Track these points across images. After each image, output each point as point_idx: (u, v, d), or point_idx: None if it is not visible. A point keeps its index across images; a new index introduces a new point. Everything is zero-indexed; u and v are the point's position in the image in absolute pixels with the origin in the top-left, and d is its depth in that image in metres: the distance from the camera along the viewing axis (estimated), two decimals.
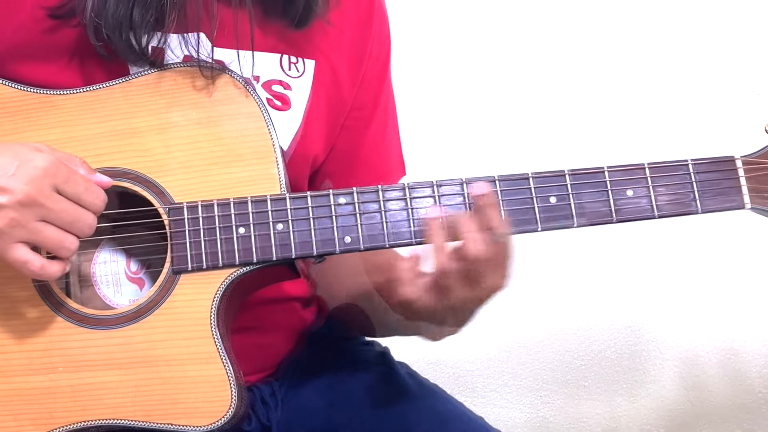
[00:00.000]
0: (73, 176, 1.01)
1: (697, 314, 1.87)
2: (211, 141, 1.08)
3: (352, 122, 1.29)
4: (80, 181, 1.02)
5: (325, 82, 1.24)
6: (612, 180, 1.07)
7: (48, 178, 0.99)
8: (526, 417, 1.86)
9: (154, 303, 1.06)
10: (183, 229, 1.07)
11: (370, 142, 1.31)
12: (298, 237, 1.06)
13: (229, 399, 1.04)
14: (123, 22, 1.07)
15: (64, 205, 1.00)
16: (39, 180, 0.98)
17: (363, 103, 1.30)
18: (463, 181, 1.07)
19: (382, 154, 1.34)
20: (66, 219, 1.00)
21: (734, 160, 1.09)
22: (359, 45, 1.27)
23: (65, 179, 1.00)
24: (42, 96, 1.11)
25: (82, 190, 1.01)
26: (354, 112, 1.29)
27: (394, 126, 1.37)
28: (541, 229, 1.07)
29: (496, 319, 1.84)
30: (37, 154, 1.00)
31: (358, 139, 1.30)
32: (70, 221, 1.01)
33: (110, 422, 1.06)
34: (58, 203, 1.00)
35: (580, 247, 1.84)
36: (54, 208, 0.99)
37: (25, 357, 1.07)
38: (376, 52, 1.29)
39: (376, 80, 1.30)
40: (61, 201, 1.00)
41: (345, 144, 1.30)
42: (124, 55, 1.10)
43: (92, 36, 1.09)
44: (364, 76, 1.28)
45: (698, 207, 1.09)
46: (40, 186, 0.98)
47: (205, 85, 1.10)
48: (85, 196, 1.02)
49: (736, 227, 1.84)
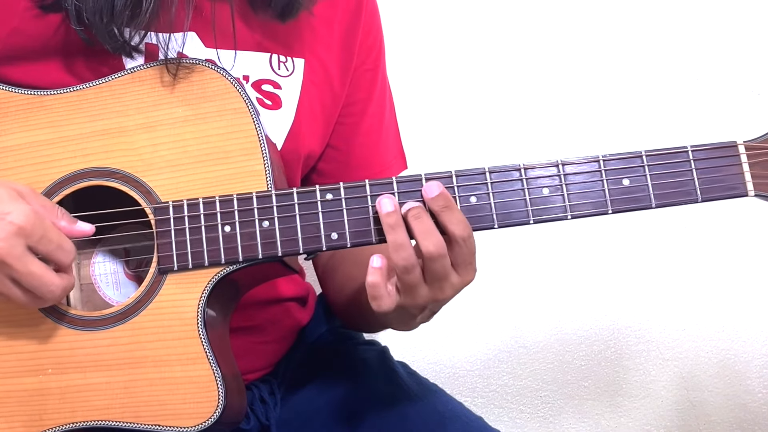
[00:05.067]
0: (47, 234, 1.00)
1: (697, 314, 1.86)
2: (198, 138, 1.08)
3: (345, 118, 1.29)
4: (54, 239, 1.00)
5: (316, 80, 1.24)
6: (607, 169, 1.06)
7: (21, 237, 0.98)
8: (525, 417, 1.85)
9: (141, 303, 1.06)
10: (168, 228, 1.06)
11: (364, 136, 1.31)
12: (284, 234, 1.05)
13: (216, 399, 1.03)
14: (104, 7, 1.07)
15: (32, 269, 0.99)
16: (12, 238, 0.97)
17: (356, 98, 1.29)
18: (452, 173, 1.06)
19: (378, 149, 1.33)
20: (32, 283, 0.99)
21: (736, 146, 1.06)
22: (349, 39, 1.27)
23: (39, 238, 0.99)
24: (30, 97, 1.11)
25: (54, 248, 1.00)
26: (347, 108, 1.29)
27: (391, 120, 1.36)
28: (534, 221, 1.06)
29: (496, 319, 1.84)
30: (17, 206, 0.98)
31: (352, 135, 1.30)
32: (35, 286, 1.00)
33: (99, 423, 1.06)
34: (26, 266, 0.98)
35: (580, 247, 1.83)
36: (22, 271, 0.98)
37: (14, 359, 1.07)
38: (367, 46, 1.29)
39: (368, 74, 1.30)
40: (30, 264, 0.98)
41: (339, 140, 1.29)
42: (103, 40, 1.09)
43: (74, 20, 1.09)
44: (355, 71, 1.28)
45: (698, 195, 1.05)
46: (12, 244, 0.97)
47: (192, 82, 1.09)
48: (55, 254, 1.00)
49: (735, 227, 1.84)
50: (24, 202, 1.00)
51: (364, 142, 1.31)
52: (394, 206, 1.03)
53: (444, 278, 1.03)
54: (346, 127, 1.29)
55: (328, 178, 1.30)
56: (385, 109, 1.34)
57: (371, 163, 1.32)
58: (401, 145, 1.38)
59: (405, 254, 1.01)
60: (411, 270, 1.01)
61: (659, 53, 1.85)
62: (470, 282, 1.05)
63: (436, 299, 1.05)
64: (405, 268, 1.01)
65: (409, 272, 1.01)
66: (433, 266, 1.02)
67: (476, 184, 1.05)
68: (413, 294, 1.03)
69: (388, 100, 1.35)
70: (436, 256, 1.01)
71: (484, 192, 1.05)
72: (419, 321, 1.11)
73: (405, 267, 1.01)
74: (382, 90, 1.33)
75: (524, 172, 1.05)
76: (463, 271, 1.04)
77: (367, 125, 1.31)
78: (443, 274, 1.03)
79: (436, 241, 1.01)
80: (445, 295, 1.04)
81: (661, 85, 1.84)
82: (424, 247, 1.01)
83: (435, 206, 1.03)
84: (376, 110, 1.32)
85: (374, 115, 1.32)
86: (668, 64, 1.85)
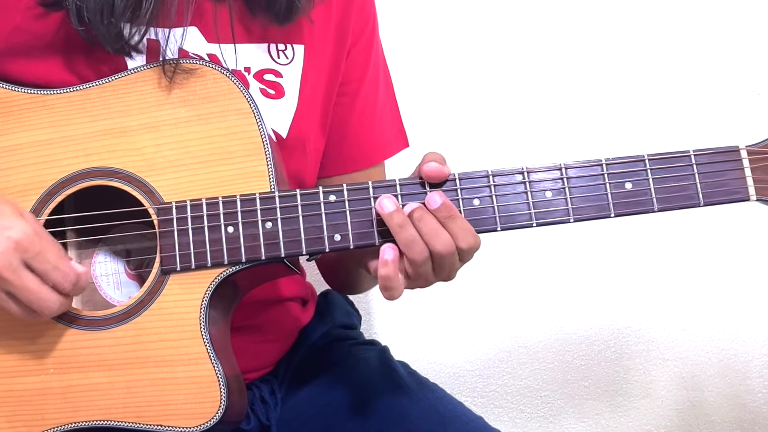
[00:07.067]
0: (45, 252, 1.00)
1: (697, 314, 1.86)
2: (201, 139, 1.08)
3: (340, 98, 1.29)
4: (51, 258, 1.00)
5: (316, 65, 1.24)
6: (610, 173, 1.06)
7: (18, 252, 0.98)
8: (525, 417, 1.85)
9: (143, 304, 1.06)
10: (171, 228, 1.06)
11: (358, 115, 1.31)
12: (287, 236, 1.05)
13: (218, 400, 1.04)
14: (104, 7, 1.07)
15: (28, 283, 0.99)
16: (9, 253, 0.98)
17: (350, 78, 1.29)
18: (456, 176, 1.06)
19: (373, 128, 1.33)
20: (28, 298, 1.00)
21: (738, 150, 1.06)
22: (343, 21, 1.27)
23: (35, 254, 0.99)
24: (33, 96, 1.11)
25: (51, 268, 1.00)
26: (342, 87, 1.29)
27: (388, 99, 1.36)
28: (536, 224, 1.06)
29: (496, 319, 1.84)
30: (16, 223, 0.99)
31: (347, 114, 1.30)
32: (31, 301, 1.00)
33: (101, 423, 1.06)
34: (22, 281, 0.99)
35: (580, 248, 1.83)
36: (18, 285, 0.99)
37: (16, 358, 1.07)
38: (360, 26, 1.29)
39: (361, 54, 1.30)
40: (26, 278, 0.99)
41: (335, 120, 1.29)
42: (104, 41, 1.09)
43: (74, 19, 1.09)
44: (350, 51, 1.28)
45: (700, 200, 1.05)
46: (8, 259, 0.98)
47: (195, 82, 1.09)
48: (52, 274, 1.00)
49: (735, 227, 1.84)
50: (25, 221, 1.00)
51: (359, 121, 1.31)
52: (396, 205, 1.03)
53: (452, 268, 1.06)
54: (341, 107, 1.30)
55: (326, 157, 1.30)
56: (379, 89, 1.34)
57: (366, 141, 1.32)
58: (401, 123, 1.38)
59: (419, 248, 1.03)
60: (426, 262, 1.03)
61: (660, 55, 1.85)
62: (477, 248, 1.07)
63: (444, 280, 1.08)
64: (422, 261, 1.03)
65: (424, 264, 1.03)
66: (442, 262, 1.04)
67: (479, 186, 1.06)
68: (422, 280, 1.06)
69: (382, 79, 1.35)
70: (446, 254, 1.03)
71: (487, 195, 1.06)
72: None
73: (422, 261, 1.03)
74: (376, 69, 1.33)
75: (527, 175, 1.06)
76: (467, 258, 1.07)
77: (360, 105, 1.31)
78: (451, 265, 1.05)
79: (444, 240, 1.03)
80: (452, 277, 1.07)
81: (662, 87, 1.84)
82: (432, 247, 1.02)
83: (438, 216, 1.04)
84: (370, 90, 1.32)
85: (368, 95, 1.32)
86: (669, 65, 1.85)
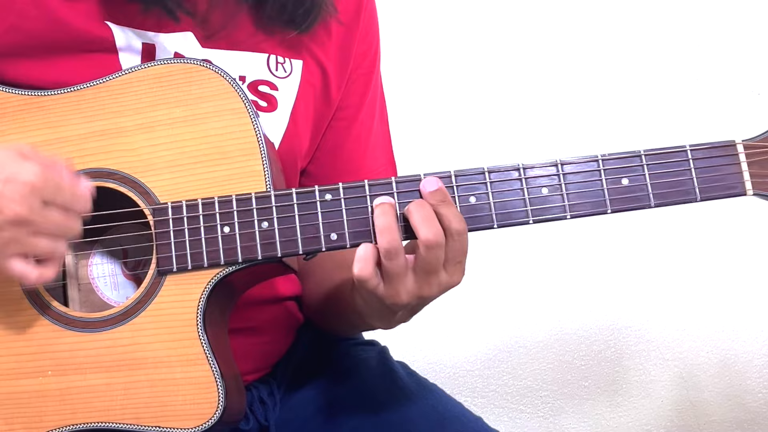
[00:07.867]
0: (60, 186, 1.00)
1: (697, 314, 1.86)
2: (197, 139, 1.07)
3: (335, 122, 1.29)
4: (67, 189, 1.00)
5: (313, 82, 1.23)
6: (606, 169, 1.05)
7: (36, 193, 0.98)
8: (525, 417, 1.85)
9: (140, 305, 1.06)
10: (167, 229, 1.06)
11: (353, 142, 1.30)
12: (283, 235, 1.05)
13: (216, 400, 1.03)
14: None
15: (52, 217, 0.99)
16: (28, 197, 0.97)
17: (348, 103, 1.29)
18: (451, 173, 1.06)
19: (366, 155, 1.32)
20: (55, 230, 1.00)
21: (735, 145, 1.06)
22: (347, 42, 1.26)
23: (53, 192, 0.99)
24: (28, 97, 1.10)
25: (69, 198, 1.00)
26: (338, 112, 1.28)
27: (382, 127, 1.35)
28: (533, 221, 1.05)
29: (496, 319, 1.84)
30: (24, 165, 0.98)
31: (341, 139, 1.30)
32: (59, 230, 1.00)
33: (99, 425, 1.06)
34: (47, 217, 0.99)
35: (580, 247, 1.83)
36: (44, 222, 0.99)
37: (14, 361, 1.07)
38: (363, 51, 1.28)
39: (361, 79, 1.29)
40: (49, 213, 0.99)
41: (328, 143, 1.29)
42: None
43: None
44: (350, 75, 1.28)
45: (697, 194, 1.05)
46: (30, 203, 0.97)
47: (190, 82, 1.08)
48: (72, 204, 1.01)
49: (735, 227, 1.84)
50: (31, 161, 0.99)
51: (353, 147, 1.31)
52: (389, 200, 1.03)
53: (434, 272, 1.03)
54: (336, 131, 1.29)
55: (315, 180, 1.29)
56: (375, 117, 1.33)
57: (358, 168, 1.31)
58: (392, 153, 1.37)
59: (390, 237, 1.01)
60: (395, 255, 1.01)
61: (659, 53, 1.85)
62: (456, 285, 1.05)
63: (421, 295, 1.04)
64: (388, 251, 1.01)
65: (392, 257, 1.01)
66: (428, 256, 1.02)
67: (475, 183, 1.05)
68: (397, 285, 1.03)
69: (379, 107, 1.35)
70: (433, 244, 1.01)
71: (484, 192, 1.05)
72: (398, 319, 1.10)
73: (388, 250, 1.01)
74: (374, 96, 1.33)
75: (523, 172, 1.05)
76: (452, 270, 1.04)
77: (356, 131, 1.30)
78: (435, 266, 1.02)
79: (436, 230, 1.01)
80: (430, 292, 1.04)
81: (660, 85, 1.84)
82: (422, 234, 1.01)
83: (432, 200, 1.03)
84: (367, 117, 1.31)
85: (364, 122, 1.31)
86: (668, 63, 1.85)
